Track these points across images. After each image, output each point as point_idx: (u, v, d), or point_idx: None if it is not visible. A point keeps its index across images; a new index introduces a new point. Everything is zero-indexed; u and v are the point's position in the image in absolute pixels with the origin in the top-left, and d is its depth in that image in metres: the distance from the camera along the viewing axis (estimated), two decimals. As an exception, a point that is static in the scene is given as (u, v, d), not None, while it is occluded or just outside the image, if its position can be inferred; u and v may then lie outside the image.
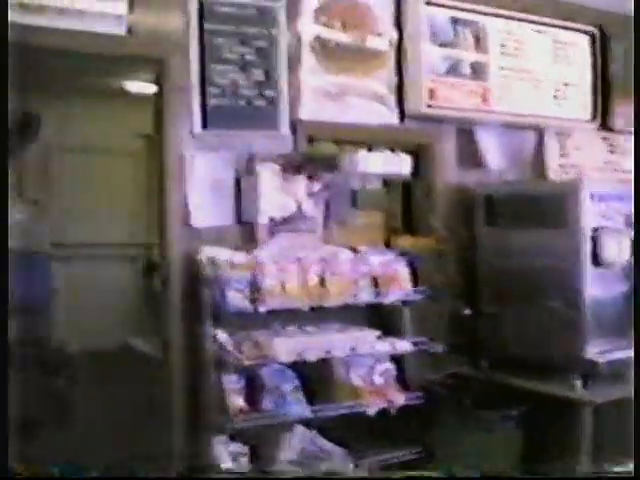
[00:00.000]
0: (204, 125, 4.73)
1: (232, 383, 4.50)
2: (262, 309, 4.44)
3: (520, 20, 5.62)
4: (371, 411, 4.61)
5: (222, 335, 4.48)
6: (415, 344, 4.78)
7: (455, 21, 5.39)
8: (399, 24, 5.26)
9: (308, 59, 5.00)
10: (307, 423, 4.64)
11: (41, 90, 7.93)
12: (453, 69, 5.39)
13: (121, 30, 4.53)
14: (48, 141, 8.60)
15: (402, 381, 4.83)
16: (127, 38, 4.56)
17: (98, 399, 6.41)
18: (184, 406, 4.64)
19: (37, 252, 6.48)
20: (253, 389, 4.55)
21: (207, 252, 4.59)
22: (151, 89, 5.23)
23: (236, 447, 4.48)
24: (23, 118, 7.91)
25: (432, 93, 5.28)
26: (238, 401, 4.48)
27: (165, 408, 4.73)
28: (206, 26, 4.72)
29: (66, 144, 8.87)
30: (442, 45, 5.36)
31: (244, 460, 4.49)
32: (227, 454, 4.44)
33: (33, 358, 6.42)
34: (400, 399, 4.69)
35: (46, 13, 4.35)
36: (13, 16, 4.25)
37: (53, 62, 6.21)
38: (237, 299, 4.41)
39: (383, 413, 4.65)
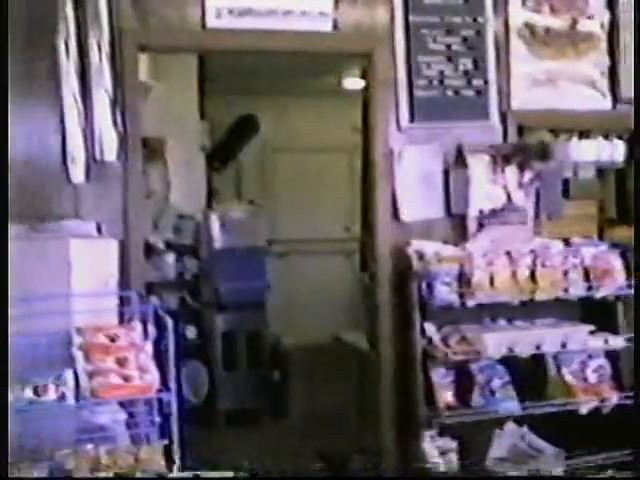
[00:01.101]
0: (411, 118, 4.80)
1: (441, 377, 4.56)
2: (470, 303, 4.46)
3: None
4: (583, 409, 4.54)
5: (430, 329, 4.54)
6: (629, 340, 4.63)
7: (671, -3, 5.18)
8: (611, 5, 5.12)
9: (517, 46, 4.96)
10: (517, 420, 4.62)
11: (255, 92, 8.32)
12: (669, 49, 5.18)
13: (327, 27, 4.68)
14: (264, 141, 8.97)
15: (616, 379, 4.71)
16: (333, 34, 4.71)
17: (311, 392, 6.64)
18: (393, 400, 4.74)
19: (254, 249, 6.78)
20: (462, 384, 4.57)
21: (416, 245, 4.66)
22: (359, 84, 5.36)
23: (444, 442, 4.51)
24: (242, 120, 8.28)
25: (647, 76, 5.10)
26: (447, 396, 4.53)
27: (375, 401, 4.84)
28: (411, 18, 4.78)
29: (280, 143, 9.20)
30: (657, 24, 5.17)
31: (453, 456, 4.52)
32: (435, 449, 4.48)
33: (250, 352, 6.74)
34: (614, 397, 4.60)
35: (253, 15, 4.56)
36: (223, 21, 4.54)
37: (263, 63, 6.51)
38: (445, 293, 4.45)
39: (595, 412, 4.58)
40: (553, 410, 4.51)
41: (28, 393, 3.50)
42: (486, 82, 4.91)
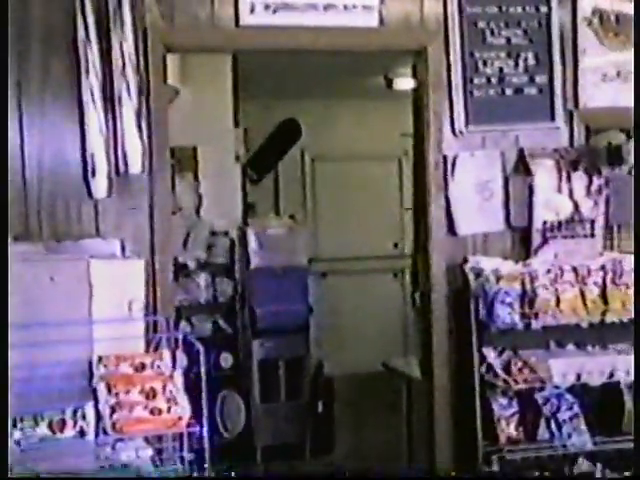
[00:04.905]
0: (467, 121, 4.76)
1: (502, 408, 4.52)
2: (535, 325, 4.43)
3: None
4: (666, 444, 4.45)
5: (490, 354, 4.51)
6: None
7: None
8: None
9: (585, 36, 4.88)
10: (590, 456, 4.55)
11: (294, 95, 8.31)
12: None
13: (372, 21, 4.65)
14: (304, 149, 8.96)
15: None
16: (379, 30, 4.68)
17: (357, 425, 6.60)
18: (449, 433, 4.71)
19: (294, 269, 6.76)
20: (526, 415, 4.53)
21: (473, 262, 4.64)
22: (408, 84, 5.33)
23: (507, 480, 4.46)
24: (283, 126, 8.27)
25: None
26: (509, 429, 4.48)
27: (428, 435, 4.80)
28: (466, 9, 4.73)
29: (322, 151, 9.21)
30: None
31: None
32: (496, 485, 4.43)
33: (291, 380, 6.71)
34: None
35: (290, 11, 4.53)
36: (258, 18, 4.50)
37: (302, 62, 6.49)
38: (506, 314, 4.42)
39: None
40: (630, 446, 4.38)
41: (42, 429, 3.50)
42: (550, 79, 4.84)
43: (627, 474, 4.39)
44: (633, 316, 4.37)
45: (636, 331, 4.17)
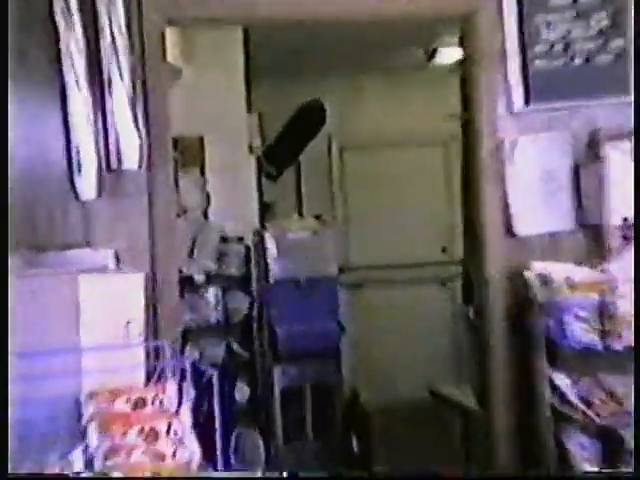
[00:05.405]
0: (527, 98, 4.70)
1: (581, 447, 4.40)
2: (617, 345, 4.31)
3: None
4: None
5: (563, 380, 4.41)
6: None
7: None
8: None
9: (670, -11, 4.78)
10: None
11: (318, 73, 8.29)
12: None
13: (415, -14, 4.61)
14: (330, 137, 8.93)
15: None
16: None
17: (400, 465, 6.53)
18: (513, 476, 4.61)
19: (322, 280, 6.70)
20: (614, 455, 4.37)
21: (538, 268, 4.56)
22: (454, 56, 5.28)
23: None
24: (305, 109, 8.22)
25: None
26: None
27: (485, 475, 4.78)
28: (524, -35, 4.68)
29: (352, 139, 9.19)
30: None
31: None
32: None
33: (320, 413, 6.64)
34: None
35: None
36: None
37: (325, 35, 6.46)
38: (581, 331, 4.32)
39: None
40: None
41: (22, 481, 3.42)
42: (627, 43, 4.70)
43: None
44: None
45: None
